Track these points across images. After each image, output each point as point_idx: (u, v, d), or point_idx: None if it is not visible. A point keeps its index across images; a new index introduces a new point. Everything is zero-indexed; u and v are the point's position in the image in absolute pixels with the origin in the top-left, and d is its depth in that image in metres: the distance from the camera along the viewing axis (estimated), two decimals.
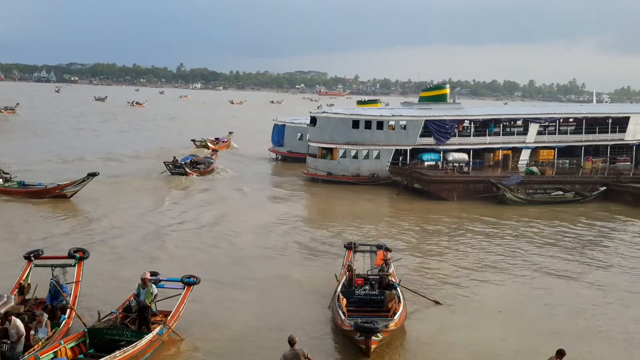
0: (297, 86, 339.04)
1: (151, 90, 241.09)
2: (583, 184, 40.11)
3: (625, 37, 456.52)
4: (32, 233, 27.00)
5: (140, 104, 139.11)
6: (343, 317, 16.13)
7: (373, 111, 49.24)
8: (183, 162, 45.44)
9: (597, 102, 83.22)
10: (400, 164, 44.37)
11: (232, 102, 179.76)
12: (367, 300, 17.85)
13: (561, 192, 39.10)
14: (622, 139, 47.74)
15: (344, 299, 17.37)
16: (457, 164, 43.45)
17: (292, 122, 58.78)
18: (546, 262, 25.34)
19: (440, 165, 43.70)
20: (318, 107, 68.41)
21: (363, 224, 31.75)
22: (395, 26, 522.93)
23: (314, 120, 47.46)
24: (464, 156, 44.72)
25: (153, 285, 16.29)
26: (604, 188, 39.07)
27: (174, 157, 46.82)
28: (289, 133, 57.94)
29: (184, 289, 17.14)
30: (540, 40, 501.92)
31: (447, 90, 52.24)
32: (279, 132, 58.92)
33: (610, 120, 47.83)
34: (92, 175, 33.50)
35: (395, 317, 16.28)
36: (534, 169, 42.93)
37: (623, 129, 47.65)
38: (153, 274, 17.15)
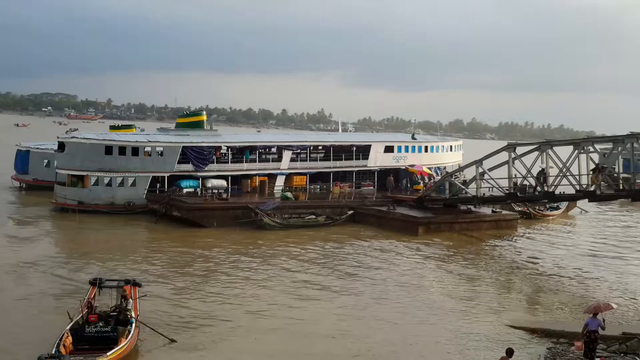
0: (43, 109, 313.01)
1: None
2: (333, 207, 42.79)
3: (362, 72, 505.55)
4: None
5: None
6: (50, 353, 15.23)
7: (128, 137, 47.32)
8: None
9: (342, 131, 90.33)
10: (157, 192, 43.09)
11: None
12: (100, 338, 17.04)
13: (314, 216, 41.24)
14: (365, 166, 52.14)
15: (70, 337, 16.51)
16: (216, 191, 43.53)
17: (37, 148, 54.00)
18: (302, 283, 26.40)
19: (199, 192, 43.37)
20: (67, 132, 63.89)
21: (117, 257, 30.09)
22: (151, 50, 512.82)
23: (62, 146, 44.11)
24: (223, 182, 44.96)
25: None
26: (351, 211, 42.15)
27: None
28: (34, 159, 53.13)
29: None
30: (291, 72, 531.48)
31: (204, 117, 52.51)
32: (22, 159, 53.69)
33: (354, 148, 51.96)
34: None
35: (109, 353, 15.88)
36: (289, 194, 44.75)
37: (366, 156, 52.07)
38: None
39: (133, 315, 18.37)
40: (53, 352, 15.30)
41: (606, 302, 20.78)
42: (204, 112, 54.62)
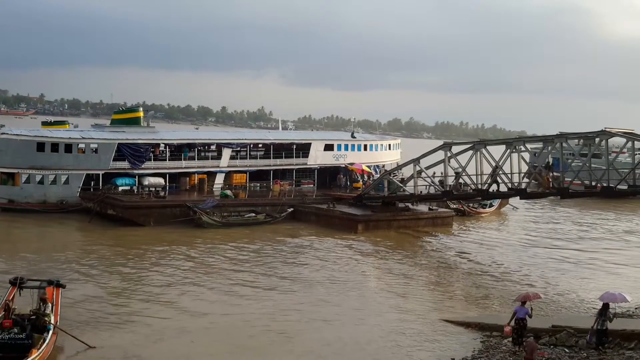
0: None
1: None
2: (273, 205, 42.71)
3: (303, 71, 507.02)
4: None
5: None
6: None
7: (61, 133, 45.83)
8: None
9: (282, 129, 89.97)
10: (92, 190, 41.96)
11: None
12: (13, 346, 15.97)
13: (253, 214, 41.06)
14: (306, 164, 52.26)
15: None
16: (153, 189, 42.75)
17: None
18: (239, 282, 26.27)
19: (135, 190, 42.48)
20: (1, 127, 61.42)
21: (47, 257, 29.12)
22: (84, 44, 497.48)
23: None
24: (160, 180, 44.17)
25: None
26: (292, 209, 42.17)
27: None
28: None
29: None
30: (231, 69, 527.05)
31: (141, 113, 51.57)
32: None
33: (294, 146, 52.00)
34: None
35: None
36: (228, 192, 44.37)
37: (306, 154, 52.19)
38: None
39: (52, 320, 17.34)
40: None
41: (535, 292, 21.64)
42: (141, 109, 53.71)
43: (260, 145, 53.14)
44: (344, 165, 53.03)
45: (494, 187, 37.31)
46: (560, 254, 35.83)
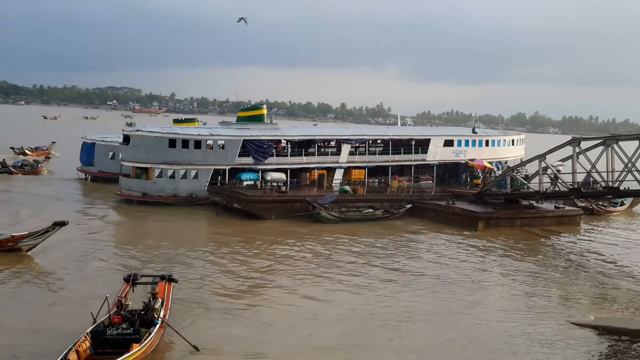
0: (108, 102, 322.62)
1: None
2: (391, 201, 42.75)
3: (422, 66, 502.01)
4: None
5: None
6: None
7: (190, 130, 48.45)
8: (13, 165, 55.87)
9: (401, 125, 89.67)
10: (219, 184, 44.07)
11: (45, 117, 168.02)
12: (122, 341, 16.05)
13: (372, 210, 41.31)
14: (424, 160, 51.78)
15: (88, 341, 15.78)
16: (276, 184, 44.14)
17: (102, 140, 55.94)
18: (357, 276, 26.57)
19: (259, 185, 44.09)
20: (130, 125, 66.41)
21: (179, 248, 30.58)
22: (211, 44, 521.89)
23: (127, 139, 45.55)
24: (282, 176, 45.54)
25: None
26: (410, 205, 41.99)
27: (3, 159, 56.06)
28: (99, 152, 55.06)
29: None
30: (350, 65, 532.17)
31: (265, 111, 53.27)
32: (88, 151, 55.69)
33: (413, 142, 51.68)
34: (60, 224, 26.79)
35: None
36: (347, 187, 44.93)
37: (425, 150, 51.72)
38: None
39: (161, 315, 17.46)
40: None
41: None
42: (264, 106, 55.34)
43: (379, 141, 53.21)
44: (464, 162, 52.02)
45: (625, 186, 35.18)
46: None
